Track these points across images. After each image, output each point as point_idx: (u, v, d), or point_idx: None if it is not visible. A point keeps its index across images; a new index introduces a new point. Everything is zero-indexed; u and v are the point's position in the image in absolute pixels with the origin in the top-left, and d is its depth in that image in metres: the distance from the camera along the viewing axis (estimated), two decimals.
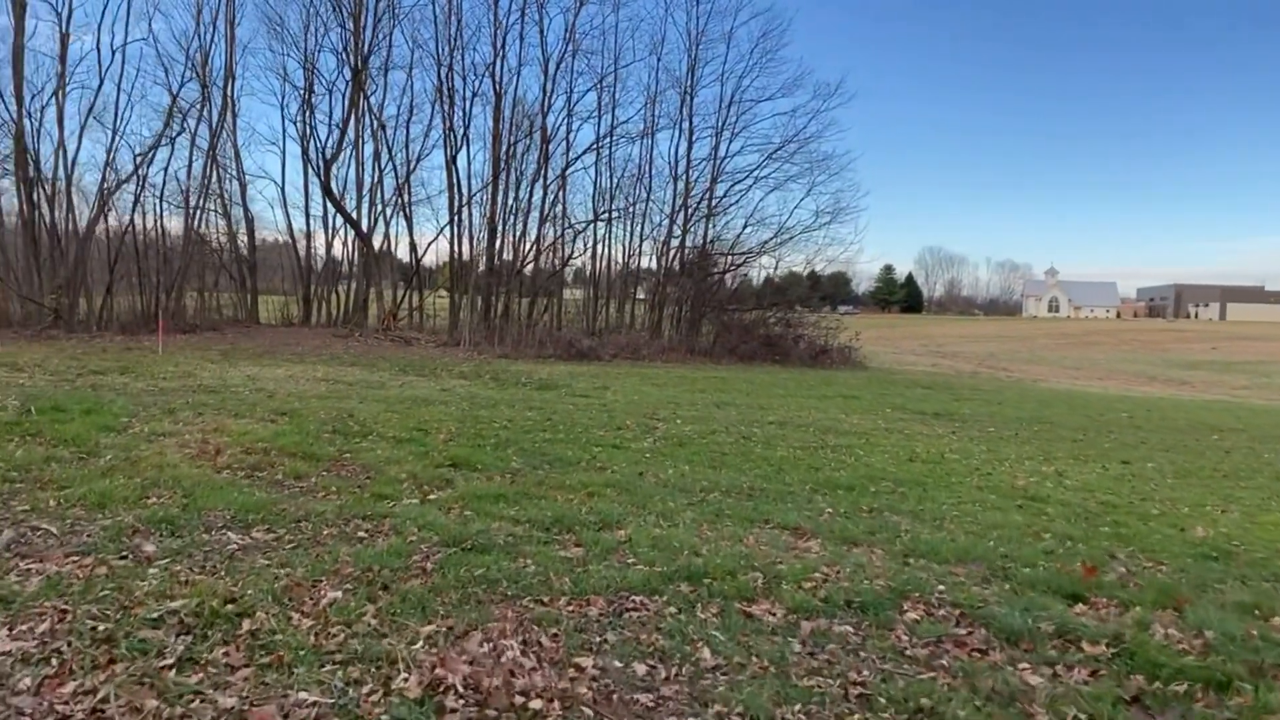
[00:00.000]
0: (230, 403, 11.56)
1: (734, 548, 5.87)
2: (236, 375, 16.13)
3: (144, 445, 8.20)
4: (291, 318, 37.98)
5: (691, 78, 33.80)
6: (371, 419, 10.64)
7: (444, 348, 26.47)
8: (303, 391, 14.03)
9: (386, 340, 27.17)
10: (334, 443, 8.98)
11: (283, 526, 5.65)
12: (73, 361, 17.24)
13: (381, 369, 19.18)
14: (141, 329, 27.40)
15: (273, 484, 7.11)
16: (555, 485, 7.58)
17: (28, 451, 7.49)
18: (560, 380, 18.70)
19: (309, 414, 10.70)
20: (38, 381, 13.71)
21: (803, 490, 8.29)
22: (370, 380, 16.61)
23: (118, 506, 5.90)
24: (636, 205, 34.71)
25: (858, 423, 14.54)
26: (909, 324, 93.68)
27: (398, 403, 12.84)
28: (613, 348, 26.79)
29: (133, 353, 20.63)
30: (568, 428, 11.21)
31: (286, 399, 12.56)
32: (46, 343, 22.67)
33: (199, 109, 30.83)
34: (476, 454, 8.78)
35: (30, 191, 27.49)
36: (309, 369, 18.26)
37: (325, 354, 22.58)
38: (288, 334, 30.45)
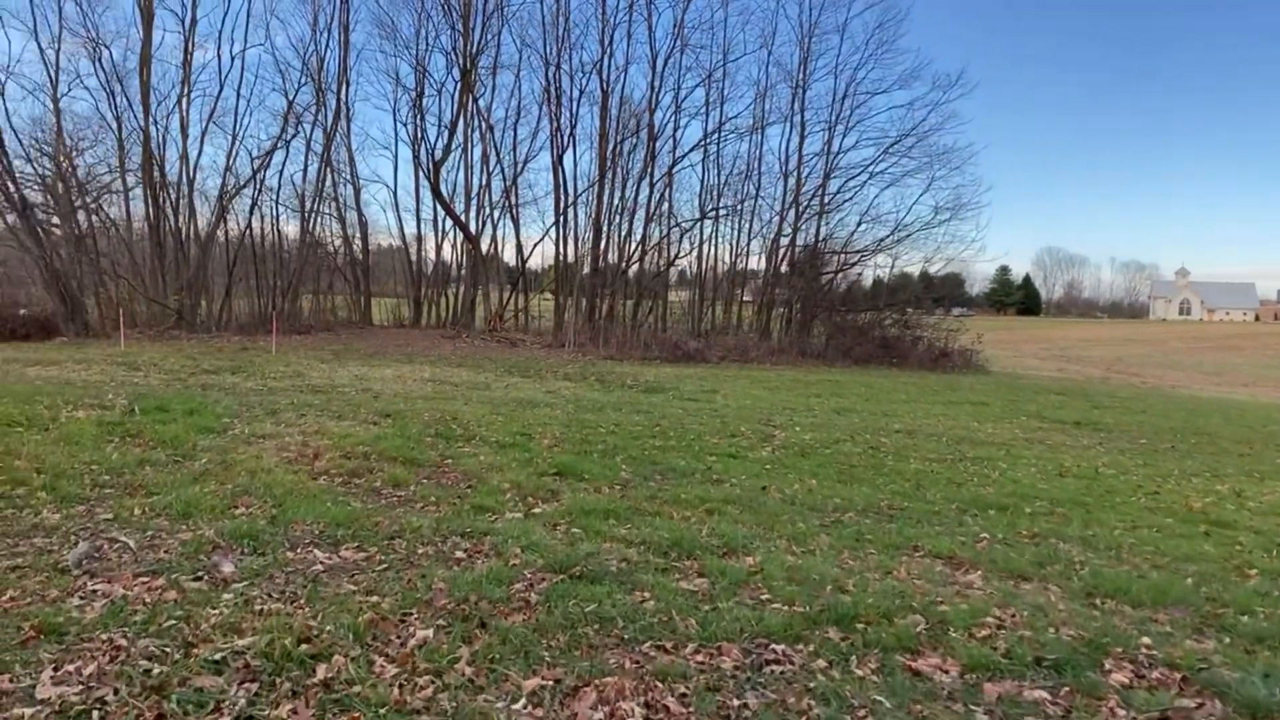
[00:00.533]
0: (335, 403, 11.28)
1: (884, 582, 5.03)
2: (345, 375, 16.03)
3: (241, 448, 7.86)
4: (402, 319, 38.54)
5: (803, 71, 32.72)
6: (475, 422, 10.15)
7: (549, 349, 26.17)
8: (408, 392, 13.74)
9: (493, 341, 27.06)
10: (436, 447, 8.50)
11: (374, 544, 5.10)
12: (188, 361, 17.49)
13: (487, 370, 18.89)
14: (259, 330, 28.04)
15: (369, 493, 6.62)
16: (669, 500, 6.86)
17: (123, 454, 7.22)
18: (667, 383, 18.02)
19: (412, 416, 10.28)
20: (151, 380, 13.81)
21: (948, 510, 7.36)
22: (475, 381, 16.28)
23: (202, 517, 5.47)
24: (745, 203, 33.83)
25: (993, 432, 13.36)
26: (1027, 326, 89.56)
27: (502, 405, 12.37)
28: (720, 350, 25.98)
29: (248, 352, 20.96)
30: (678, 434, 10.49)
31: (391, 400, 12.24)
32: (168, 342, 23.30)
33: (314, 114, 31.47)
34: (583, 462, 8.15)
35: (156, 196, 28.48)
36: (416, 369, 18.09)
37: (433, 355, 22.51)
38: (398, 335, 30.74)
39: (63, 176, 28.26)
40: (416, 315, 38.53)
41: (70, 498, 5.78)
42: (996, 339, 35.47)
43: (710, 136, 32.65)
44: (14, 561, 4.43)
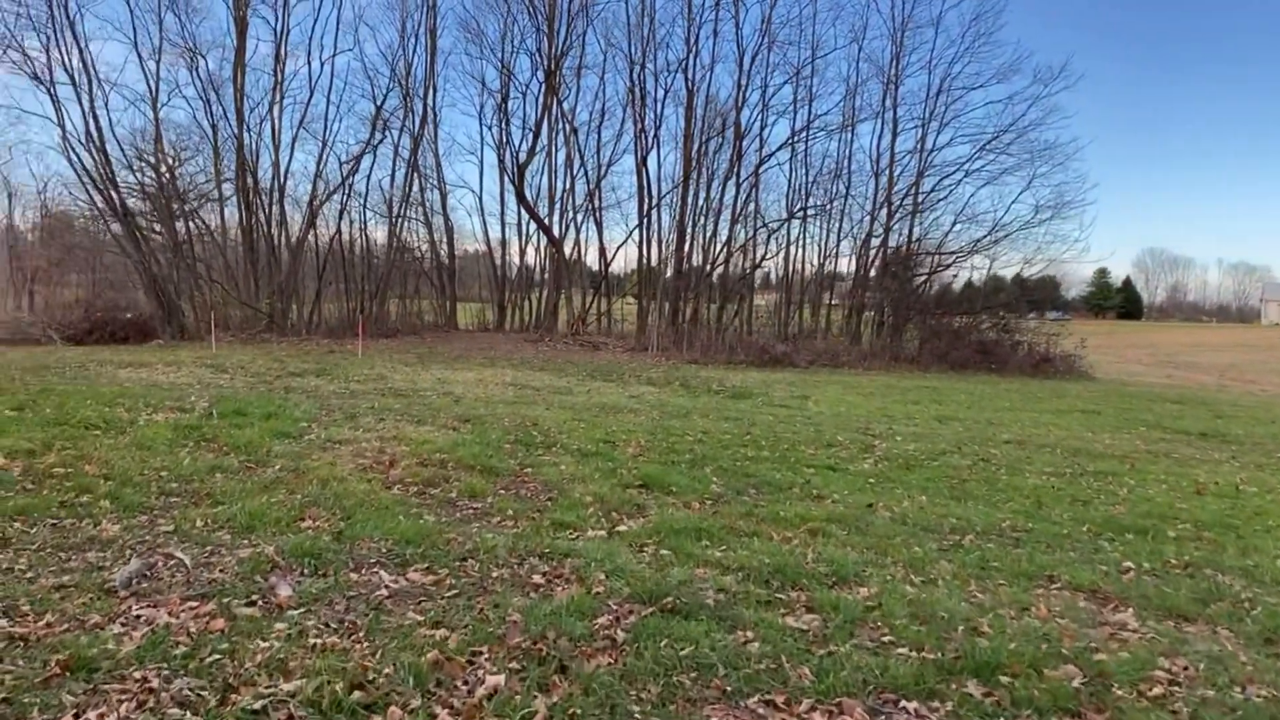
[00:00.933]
0: (415, 407, 10.98)
1: (1022, 621, 4.34)
2: (427, 379, 15.83)
3: (316, 454, 7.55)
4: (487, 323, 38.67)
5: (896, 66, 31.56)
6: (556, 428, 9.70)
7: (631, 353, 25.72)
8: (489, 396, 13.41)
9: (575, 345, 26.76)
10: (515, 455, 8.06)
11: (445, 565, 4.63)
12: (275, 363, 17.56)
13: (569, 374, 18.52)
14: (346, 333, 28.31)
15: (444, 504, 6.19)
16: (767, 518, 6.25)
17: (195, 460, 6.96)
18: (755, 388, 17.34)
19: (492, 421, 9.90)
20: (236, 383, 13.79)
21: (1079, 533, 6.55)
22: (557, 385, 15.89)
23: (266, 530, 5.10)
24: (834, 203, 32.81)
25: (1111, 443, 12.32)
26: (1129, 331, 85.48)
27: (585, 410, 11.92)
28: (809, 354, 25.13)
29: (334, 355, 21.05)
30: (771, 443, 9.85)
31: (472, 404, 11.91)
32: (258, 345, 23.63)
33: (401, 119, 31.73)
34: (670, 473, 7.59)
35: (249, 202, 29.05)
36: (498, 373, 17.83)
37: (515, 358, 22.29)
38: (482, 338, 30.75)
39: (162, 185, 29.08)
40: (500, 319, 38.59)
41: (134, 507, 5.49)
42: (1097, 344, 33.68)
43: (798, 135, 31.81)
44: (61, 579, 4.10)
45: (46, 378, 13.24)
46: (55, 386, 11.38)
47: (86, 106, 25.82)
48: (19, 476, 6.10)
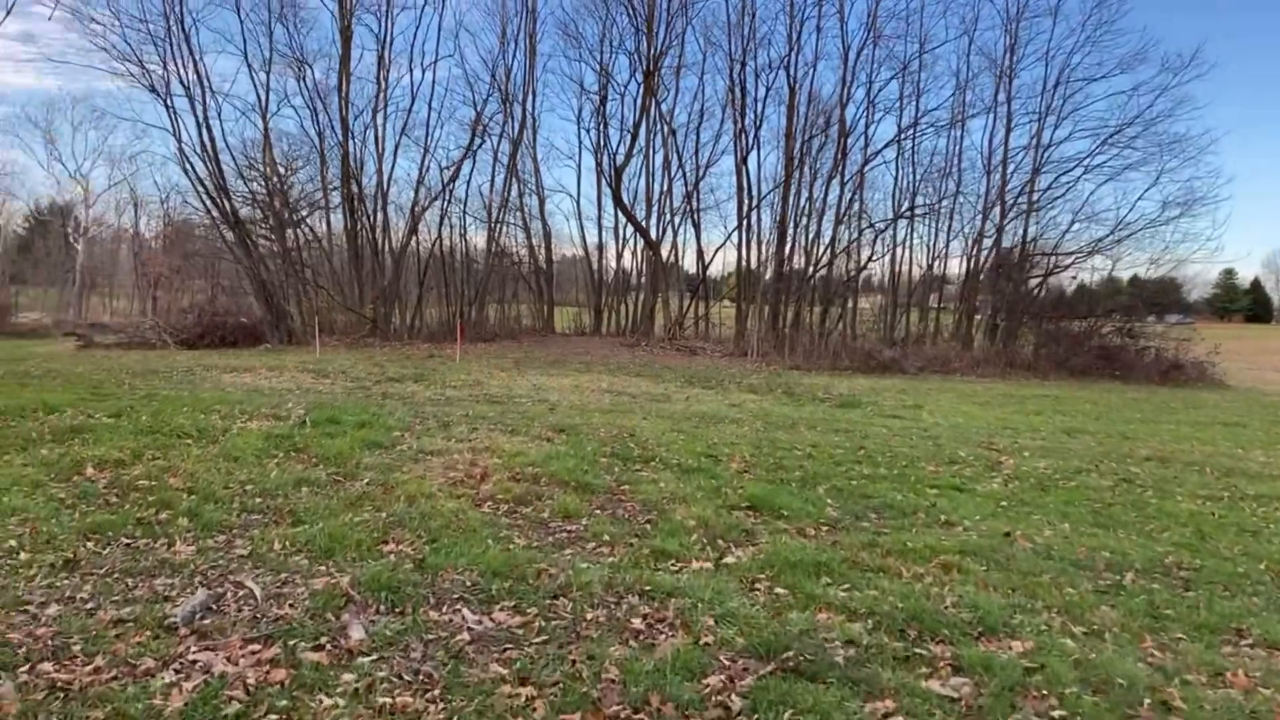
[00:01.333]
0: (509, 416, 10.63)
1: (1219, 692, 3.59)
2: (523, 385, 15.55)
3: (406, 466, 7.22)
4: (583, 327, 38.58)
5: (1010, 58, 29.96)
6: (655, 439, 9.19)
7: (730, 358, 25.05)
8: (585, 404, 13.00)
9: (672, 350, 26.24)
10: (612, 470, 7.57)
11: (534, 603, 4.15)
12: (375, 368, 17.59)
13: (666, 380, 18.00)
14: (447, 338, 28.49)
15: (536, 525, 5.74)
16: (892, 549, 5.57)
17: (283, 472, 6.69)
18: (863, 396, 16.48)
19: (588, 432, 9.45)
20: (335, 389, 13.75)
21: (1256, 572, 5.66)
22: (655, 393, 15.39)
23: (346, 555, 4.73)
24: (943, 202, 31.41)
25: (1267, 462, 11.08)
26: (1260, 336, 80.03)
27: (684, 419, 11.37)
28: (918, 359, 23.99)
29: (433, 360, 21.07)
30: (887, 459, 9.11)
31: (568, 413, 11.50)
32: (361, 350, 23.90)
33: (501, 124, 31.86)
34: (779, 493, 6.97)
35: (354, 209, 29.55)
36: (594, 379, 17.44)
37: (611, 363, 21.91)
38: (578, 343, 30.55)
39: (271, 193, 29.85)
40: (597, 323, 38.44)
41: (212, 525, 5.20)
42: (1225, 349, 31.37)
43: (905, 132, 30.52)
44: (122, 611, 3.77)
45: (153, 382, 13.44)
46: (159, 391, 11.47)
47: (200, 117, 26.68)
48: (104, 488, 5.91)
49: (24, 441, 7.24)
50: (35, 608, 3.80)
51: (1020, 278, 29.29)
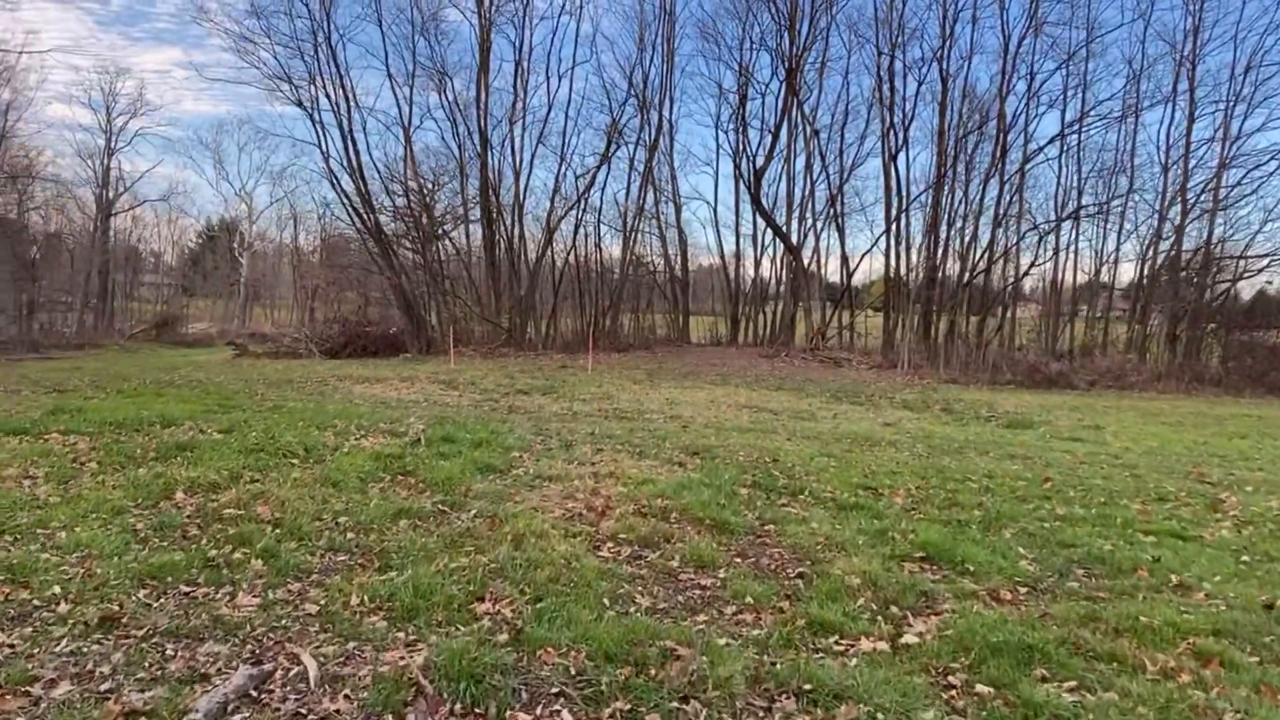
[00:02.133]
0: (638, 435, 9.73)
1: None
2: (655, 399, 14.66)
3: (520, 495, 6.40)
4: (719, 336, 37.57)
5: (1193, 42, 27.06)
6: (802, 466, 8.07)
7: (878, 370, 23.45)
8: (721, 421, 11.96)
9: (814, 361, 24.85)
10: (753, 504, 6.52)
11: (655, 706, 3.16)
12: (505, 380, 17.11)
13: (810, 394, 16.74)
14: (580, 348, 28.08)
15: (663, 577, 4.77)
16: (1121, 626, 4.28)
17: (384, 500, 5.96)
18: (1033, 415, 14.76)
19: (725, 455, 8.42)
20: (463, 402, 13.22)
21: None
22: (798, 409, 14.18)
23: (432, 617, 3.89)
24: (1113, 201, 28.70)
25: None
26: None
27: (833, 441, 10.18)
28: (1088, 373, 21.75)
29: (565, 371, 20.51)
30: (1080, 493, 7.69)
31: (702, 432, 10.50)
32: (495, 360, 23.66)
33: (637, 131, 31.30)
34: (958, 539, 5.74)
35: (491, 219, 29.54)
36: (731, 392, 16.38)
37: (750, 375, 20.78)
38: (714, 353, 29.53)
39: (414, 206, 30.23)
40: (733, 333, 37.35)
41: (288, 569, 4.47)
42: None
43: (1070, 127, 28.08)
44: (140, 698, 3.01)
45: (284, 393, 13.27)
46: (285, 404, 11.16)
47: (345, 132, 27.23)
48: (187, 518, 5.31)
49: (126, 459, 6.82)
50: (42, 686, 3.09)
51: (1205, 283, 26.36)
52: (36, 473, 6.26)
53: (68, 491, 5.78)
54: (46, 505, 5.41)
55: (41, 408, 9.75)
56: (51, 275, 45.46)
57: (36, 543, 4.70)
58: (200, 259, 62.23)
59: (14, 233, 40.96)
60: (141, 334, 44.36)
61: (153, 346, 40.48)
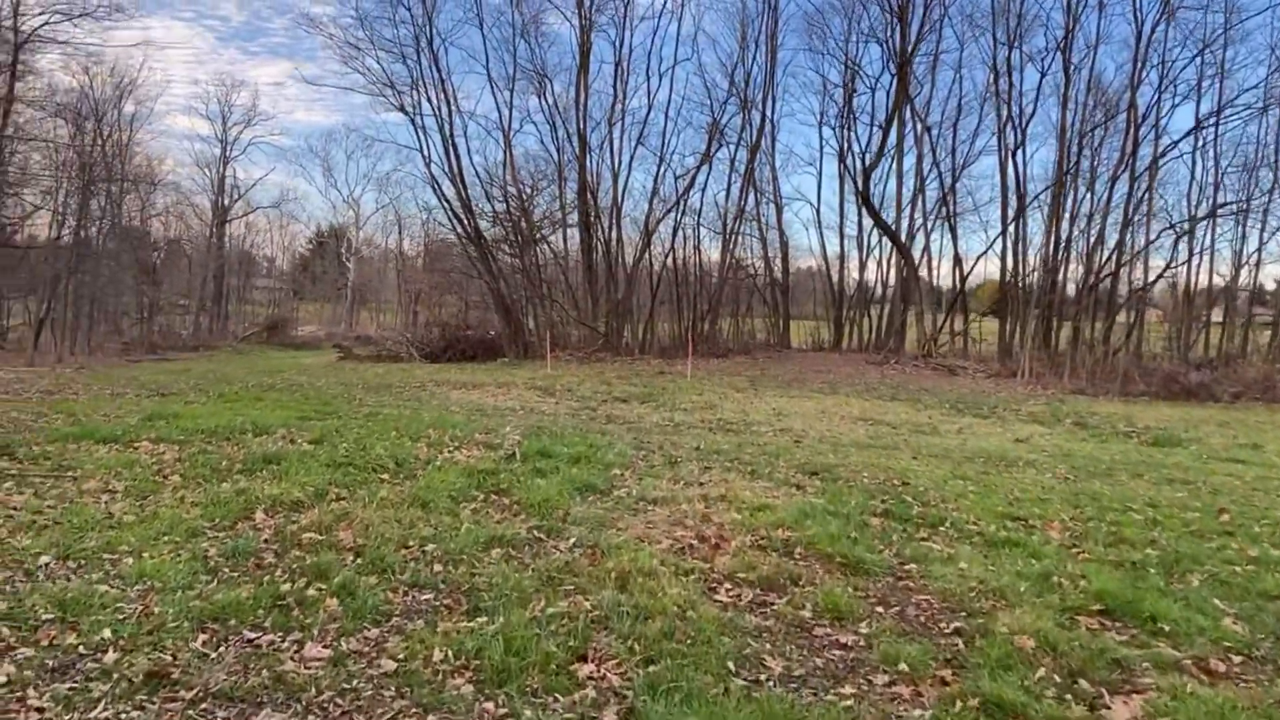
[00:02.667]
0: (748, 451, 9.00)
1: None
2: (761, 409, 13.88)
3: (624, 521, 5.76)
4: (821, 342, 36.38)
5: None
6: (936, 491, 7.21)
7: (995, 379, 22.05)
8: (836, 435, 11.12)
9: (927, 369, 23.57)
10: (887, 537, 5.72)
11: None
12: (603, 386, 16.58)
13: (928, 405, 15.66)
14: (678, 353, 27.44)
15: (794, 633, 4.07)
16: None
17: (476, 525, 5.41)
18: (1178, 431, 13.38)
19: (848, 477, 7.62)
20: (559, 410, 12.71)
21: None
22: (917, 422, 13.18)
23: (525, 683, 3.30)
24: (1254, 199, 26.42)
25: None
26: None
27: (964, 461, 9.24)
28: (1231, 384, 19.91)
29: (664, 377, 19.89)
30: (1267, 528, 6.62)
31: (816, 448, 9.70)
32: (592, 365, 23.22)
33: (738, 131, 30.50)
34: (1139, 588, 4.84)
35: (589, 222, 29.18)
36: (841, 403, 15.45)
37: (859, 384, 19.75)
38: (818, 359, 28.47)
39: (510, 210, 30.12)
40: (837, 338, 36.11)
41: (365, 612, 3.93)
42: None
43: (1207, 120, 26.00)
44: None
45: (382, 398, 13.01)
46: (380, 410, 10.84)
47: (447, 136, 27.26)
48: (264, 543, 4.85)
49: (210, 472, 6.46)
50: None
51: None
52: (117, 486, 5.93)
53: (144, 509, 5.41)
54: (120, 525, 5.03)
55: (140, 413, 9.62)
56: (171, 279, 47.44)
57: (100, 570, 4.28)
58: (310, 263, 64.14)
59: (137, 239, 42.82)
60: (253, 336, 45.80)
61: (263, 348, 41.71)
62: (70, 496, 5.64)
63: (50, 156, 31.38)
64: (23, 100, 28.87)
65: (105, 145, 34.92)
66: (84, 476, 6.13)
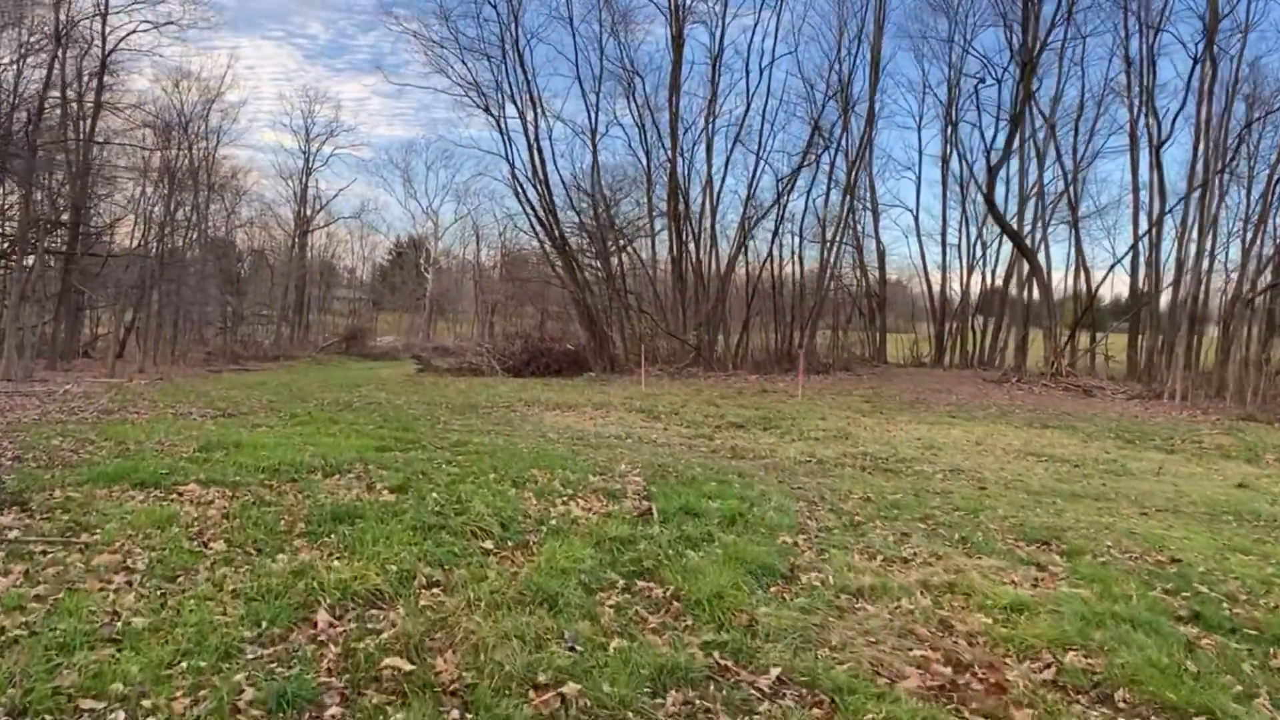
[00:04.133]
0: (931, 503, 7.14)
1: None
2: (904, 439, 11.93)
3: (833, 631, 4.01)
4: (919, 357, 34.09)
5: None
6: (1220, 571, 5.28)
7: (1141, 401, 19.54)
8: (1018, 478, 9.14)
9: (1057, 389, 21.16)
10: (1238, 672, 3.85)
11: None
12: (710, 408, 14.82)
13: (1087, 435, 13.46)
14: (774, 367, 25.60)
15: None
16: None
17: (629, 647, 3.69)
18: None
19: (1090, 549, 5.71)
20: (671, 438, 10.99)
21: None
22: (1096, 457, 11.07)
23: None
24: None
25: None
26: None
27: (1208, 518, 7.24)
28: None
29: (769, 396, 18.04)
30: None
31: (1013, 498, 7.79)
32: (685, 381, 21.53)
33: (838, 134, 28.52)
34: None
35: (680, 229, 27.51)
36: (993, 432, 13.36)
37: (991, 407, 17.56)
38: (927, 377, 26.24)
39: (598, 217, 28.64)
40: (938, 353, 33.80)
41: None
42: None
43: None
44: None
45: (469, 421, 11.50)
46: (470, 440, 9.28)
47: (532, 139, 25.92)
48: (327, 672, 3.23)
49: (265, 537, 4.89)
50: None
51: None
52: (138, 561, 4.39)
53: (166, 603, 3.84)
54: (123, 635, 3.47)
55: (198, 439, 8.21)
56: (254, 289, 47.29)
57: None
58: (389, 274, 63.88)
59: (222, 249, 42.66)
60: (332, 346, 45.37)
61: (342, 358, 41.14)
62: (73, 577, 4.12)
63: (137, 163, 30.99)
64: (109, 108, 28.46)
65: (191, 154, 34.57)
66: (99, 545, 4.61)
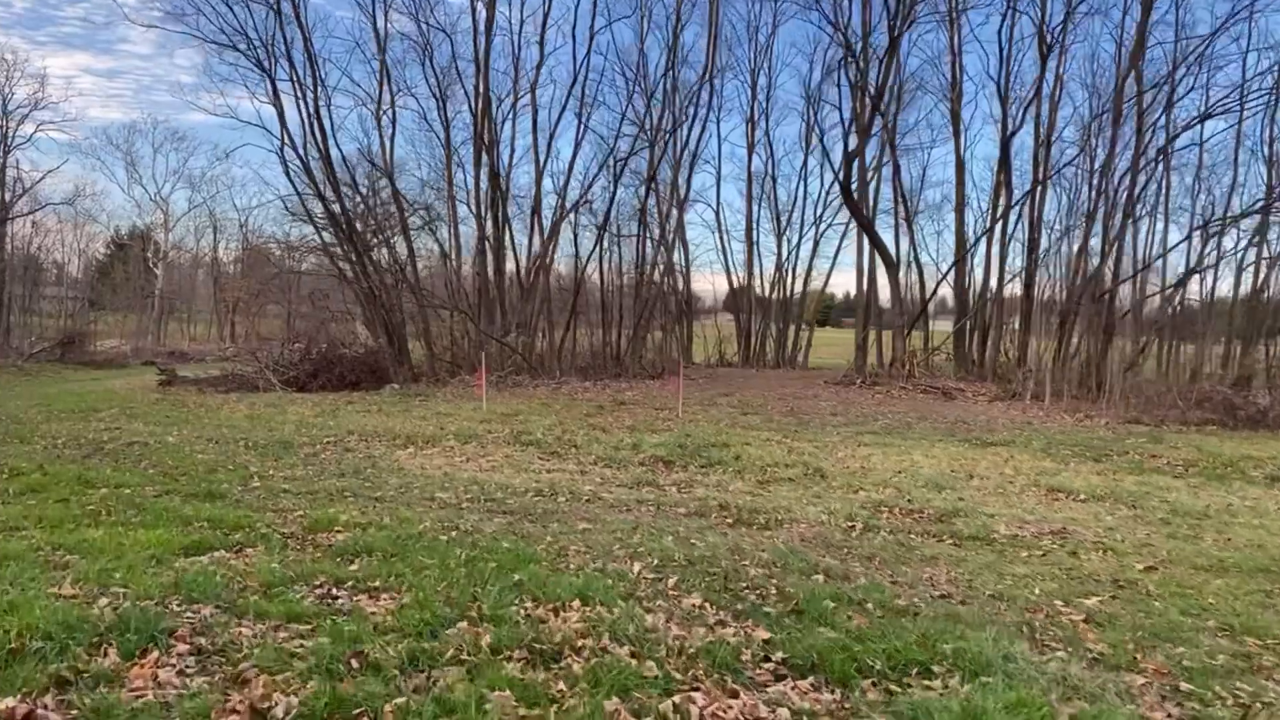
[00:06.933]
0: (1122, 606, 4.64)
1: None
2: (903, 481, 9.49)
3: None
4: (726, 358, 32.83)
5: None
6: None
7: (1005, 403, 18.54)
8: (1106, 544, 6.93)
9: (917, 391, 19.91)
10: None
11: None
12: (598, 434, 11.72)
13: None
14: (602, 372, 23.06)
15: None
16: None
17: None
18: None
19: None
20: (619, 494, 7.88)
21: None
22: (1157, 495, 9.16)
23: None
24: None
25: None
26: None
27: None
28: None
29: (639, 411, 15.20)
30: None
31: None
32: (515, 392, 18.41)
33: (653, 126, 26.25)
34: None
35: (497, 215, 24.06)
36: (1004, 461, 11.25)
37: (887, 416, 15.75)
38: (760, 380, 24.54)
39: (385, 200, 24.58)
40: (745, 354, 32.88)
41: None
42: None
43: None
44: None
45: (294, 471, 7.83)
46: (319, 511, 5.74)
47: (310, 106, 21.40)
48: None
49: None
50: None
51: None
52: None
53: None
54: None
55: None
56: None
57: None
58: (109, 270, 54.69)
59: None
60: (44, 353, 37.40)
61: (58, 367, 33.73)
62: None
63: None
64: None
65: None
66: None
